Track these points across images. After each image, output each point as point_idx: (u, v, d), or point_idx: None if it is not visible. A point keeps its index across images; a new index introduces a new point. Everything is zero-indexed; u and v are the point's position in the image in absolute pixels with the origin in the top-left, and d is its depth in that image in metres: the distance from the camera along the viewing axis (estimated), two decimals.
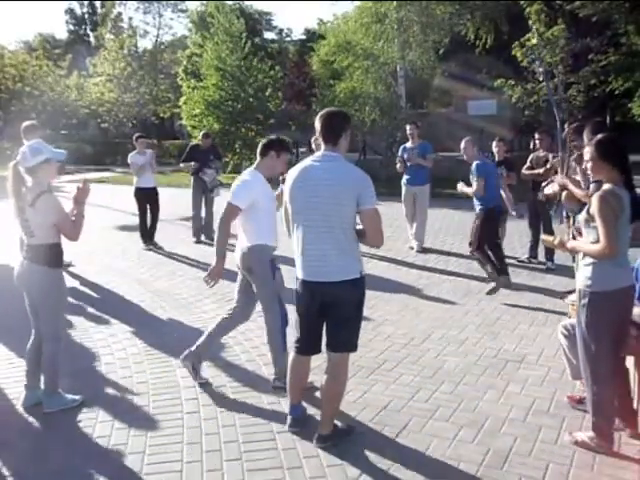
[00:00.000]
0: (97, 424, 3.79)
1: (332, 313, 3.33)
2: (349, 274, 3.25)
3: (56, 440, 3.64)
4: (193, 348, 4.29)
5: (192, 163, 9.47)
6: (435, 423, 3.71)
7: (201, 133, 10.28)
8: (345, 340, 3.38)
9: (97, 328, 5.58)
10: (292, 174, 3.36)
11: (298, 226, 3.32)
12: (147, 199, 9.14)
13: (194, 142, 10.04)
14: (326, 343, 3.42)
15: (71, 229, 3.88)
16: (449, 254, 8.43)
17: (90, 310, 6.08)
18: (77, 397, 4.08)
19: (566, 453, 3.34)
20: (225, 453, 3.43)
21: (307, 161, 3.35)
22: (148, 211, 9.18)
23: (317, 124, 3.31)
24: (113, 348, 5.08)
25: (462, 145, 6.51)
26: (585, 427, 3.50)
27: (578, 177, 4.90)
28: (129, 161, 9.19)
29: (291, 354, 3.60)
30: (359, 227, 3.30)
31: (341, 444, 3.44)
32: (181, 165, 9.89)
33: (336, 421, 3.55)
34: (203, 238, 9.69)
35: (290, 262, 3.62)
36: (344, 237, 3.23)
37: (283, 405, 3.85)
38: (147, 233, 9.22)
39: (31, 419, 3.90)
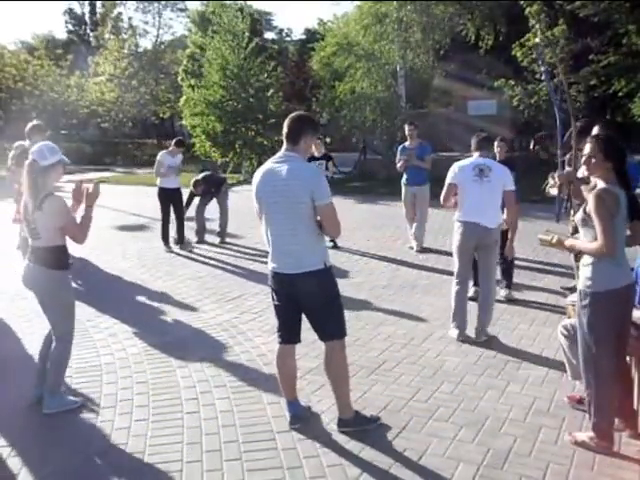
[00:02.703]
0: (97, 424, 3.80)
1: (302, 304, 3.54)
2: (311, 266, 3.44)
3: (56, 440, 3.64)
4: (478, 325, 5.11)
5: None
6: (435, 423, 3.71)
7: (191, 183, 9.32)
8: (325, 329, 3.56)
9: (97, 328, 5.58)
10: (257, 175, 3.56)
11: (265, 223, 3.54)
12: (170, 200, 8.95)
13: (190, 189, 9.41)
14: (317, 336, 3.63)
15: (78, 232, 3.88)
16: (449, 254, 8.39)
17: (90, 310, 6.07)
18: (77, 399, 4.08)
19: (566, 453, 3.34)
20: (225, 453, 3.43)
21: (269, 163, 3.56)
22: (171, 212, 9.00)
23: (284, 124, 3.53)
24: (113, 348, 5.08)
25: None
26: (585, 427, 3.51)
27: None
28: (158, 158, 8.96)
29: (276, 346, 3.74)
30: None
31: (361, 432, 3.54)
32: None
33: (361, 411, 3.70)
34: (216, 241, 9.46)
35: None
36: (305, 232, 3.42)
37: (283, 405, 3.85)
38: (169, 235, 9.03)
39: (31, 419, 3.91)
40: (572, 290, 6.31)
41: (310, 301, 3.50)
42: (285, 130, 3.49)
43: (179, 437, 3.61)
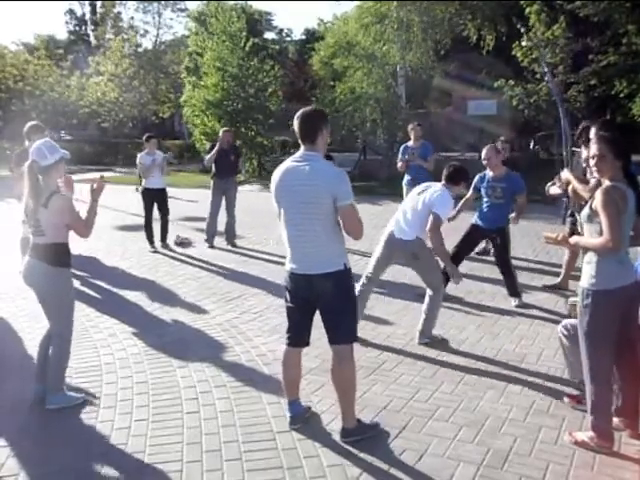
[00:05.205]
0: (97, 424, 3.79)
1: (320, 305, 3.46)
2: (330, 267, 3.37)
3: (56, 440, 3.64)
4: (420, 328, 5.05)
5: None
6: (435, 423, 3.71)
7: (222, 131, 9.51)
8: (339, 332, 3.47)
9: (97, 328, 5.57)
10: (276, 175, 3.47)
11: (285, 223, 3.46)
12: (155, 200, 8.98)
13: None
14: (327, 338, 3.53)
15: (83, 227, 3.93)
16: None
17: (90, 310, 6.07)
18: (79, 395, 4.09)
19: (566, 453, 3.34)
20: (225, 453, 3.43)
21: (288, 162, 3.46)
22: (156, 212, 9.00)
23: (295, 124, 3.41)
24: (113, 348, 5.08)
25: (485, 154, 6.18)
26: (585, 427, 3.51)
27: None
28: (137, 161, 9.02)
29: (283, 347, 3.70)
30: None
31: (365, 440, 3.48)
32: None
33: (361, 417, 3.64)
34: (223, 244, 9.24)
35: None
36: (324, 233, 3.35)
37: (283, 405, 3.85)
38: (153, 235, 9.03)
39: (32, 418, 3.91)
40: (553, 288, 6.50)
41: (327, 302, 3.42)
42: (299, 131, 3.37)
43: (179, 437, 3.61)
